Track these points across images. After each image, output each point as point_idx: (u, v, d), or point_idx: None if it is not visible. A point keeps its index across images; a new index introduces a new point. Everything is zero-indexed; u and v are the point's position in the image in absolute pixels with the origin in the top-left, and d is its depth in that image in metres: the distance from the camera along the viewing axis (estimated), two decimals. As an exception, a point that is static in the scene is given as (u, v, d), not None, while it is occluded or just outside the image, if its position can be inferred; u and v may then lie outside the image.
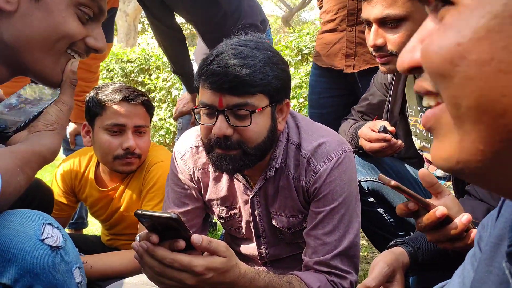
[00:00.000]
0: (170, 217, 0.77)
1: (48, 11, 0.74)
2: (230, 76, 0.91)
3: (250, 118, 0.95)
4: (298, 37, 3.80)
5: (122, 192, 1.46)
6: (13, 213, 0.67)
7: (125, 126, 1.34)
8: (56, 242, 0.66)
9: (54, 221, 0.69)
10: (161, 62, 5.07)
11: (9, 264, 0.61)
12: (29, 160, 0.71)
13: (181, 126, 2.25)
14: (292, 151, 1.09)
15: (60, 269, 0.65)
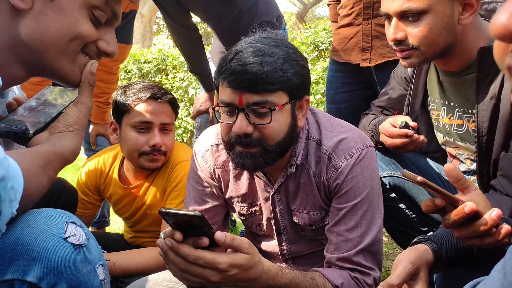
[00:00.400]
0: (194, 215, 0.78)
1: (61, 11, 0.75)
2: (250, 74, 0.91)
3: (270, 115, 0.95)
4: (315, 33, 3.77)
5: (146, 190, 1.48)
6: (37, 212, 0.68)
7: (151, 123, 1.37)
8: (79, 240, 0.67)
9: (77, 220, 0.70)
10: (177, 62, 5.11)
11: (34, 262, 0.62)
12: (50, 160, 0.73)
13: (199, 125, 2.27)
14: (312, 147, 1.08)
15: (83, 267, 0.66)
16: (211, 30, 2.86)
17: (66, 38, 0.76)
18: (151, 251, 1.40)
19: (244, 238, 0.87)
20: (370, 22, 1.81)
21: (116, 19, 0.84)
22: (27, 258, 0.62)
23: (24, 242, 0.63)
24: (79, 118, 0.82)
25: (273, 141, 0.98)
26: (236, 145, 0.99)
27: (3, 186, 0.56)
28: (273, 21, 1.85)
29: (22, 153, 0.70)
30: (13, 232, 0.64)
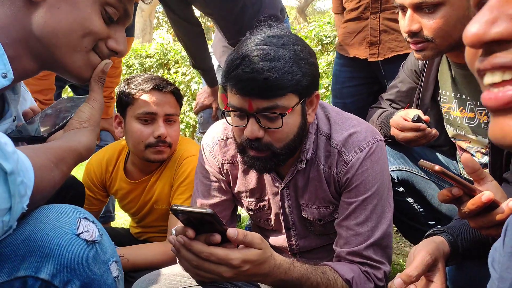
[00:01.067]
0: (206, 213, 0.78)
1: (74, 6, 0.74)
2: (259, 81, 0.90)
3: (282, 120, 0.94)
4: (319, 27, 3.74)
5: (153, 184, 1.48)
6: (49, 208, 0.67)
7: (156, 114, 1.36)
8: (92, 237, 0.66)
9: (89, 215, 0.69)
10: (179, 57, 5.09)
11: (47, 259, 0.61)
12: (64, 156, 0.72)
13: (202, 120, 2.26)
14: (322, 142, 1.07)
15: (96, 263, 0.65)
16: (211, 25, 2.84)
17: (78, 33, 0.75)
18: (159, 246, 1.40)
19: (256, 233, 0.87)
20: (378, 16, 1.79)
21: (127, 18, 0.83)
22: (40, 255, 0.61)
23: (37, 238, 0.62)
24: (92, 114, 0.82)
25: (281, 144, 0.98)
26: (248, 149, 0.99)
27: (12, 180, 0.55)
28: (277, 15, 1.84)
29: (34, 148, 0.69)
30: (25, 228, 0.63)
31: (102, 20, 0.78)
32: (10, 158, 0.55)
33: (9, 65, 0.71)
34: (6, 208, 0.56)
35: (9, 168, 0.55)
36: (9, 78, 0.71)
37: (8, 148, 0.56)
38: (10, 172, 0.55)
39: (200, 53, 2.03)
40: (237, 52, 0.95)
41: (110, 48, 0.81)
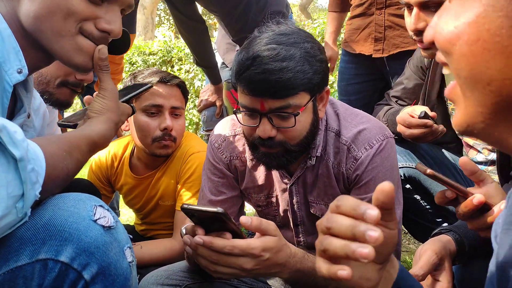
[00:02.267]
0: (217, 212, 0.78)
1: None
2: (271, 83, 0.89)
3: (294, 119, 0.94)
4: (323, 24, 3.74)
5: (158, 180, 1.48)
6: (66, 196, 0.69)
7: (162, 107, 1.36)
8: (108, 223, 0.68)
9: (104, 204, 0.71)
10: (183, 54, 5.09)
11: (66, 243, 0.63)
12: (78, 144, 0.73)
13: (205, 118, 2.26)
14: (331, 138, 1.07)
15: (112, 248, 0.67)
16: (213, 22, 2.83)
17: (58, 15, 0.73)
18: (165, 242, 1.40)
19: (269, 221, 0.87)
20: (383, 12, 1.78)
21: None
22: (59, 239, 0.63)
23: (56, 223, 0.64)
24: (104, 102, 0.82)
25: (294, 141, 0.98)
26: (260, 146, 0.99)
27: (22, 167, 0.57)
28: (283, 11, 1.84)
29: (47, 138, 0.71)
30: (44, 213, 0.65)
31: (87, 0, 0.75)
32: (19, 146, 0.56)
33: (24, 61, 0.72)
34: (19, 195, 0.57)
35: (18, 155, 0.56)
36: (24, 74, 0.72)
37: (18, 136, 0.57)
38: (19, 158, 0.56)
39: (204, 50, 2.03)
40: (247, 52, 0.94)
41: (101, 28, 0.78)
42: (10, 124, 0.57)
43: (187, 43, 2.07)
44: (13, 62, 0.71)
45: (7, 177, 0.55)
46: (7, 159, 0.56)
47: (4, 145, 0.55)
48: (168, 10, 13.61)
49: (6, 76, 0.70)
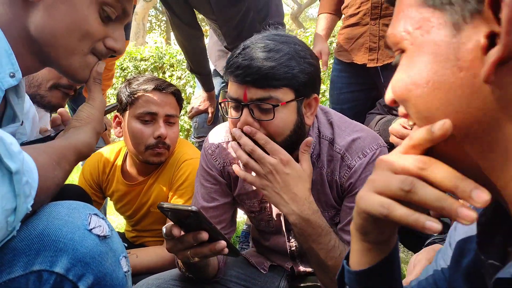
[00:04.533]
0: (190, 210, 0.80)
1: (72, 6, 0.74)
2: (254, 68, 0.91)
3: (273, 111, 0.94)
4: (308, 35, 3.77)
5: (150, 187, 1.46)
6: (59, 204, 0.67)
7: (156, 114, 1.36)
8: (103, 232, 0.67)
9: (98, 212, 0.70)
10: (175, 60, 5.09)
11: (61, 253, 0.62)
12: (64, 154, 0.72)
13: (197, 125, 2.24)
14: (325, 146, 1.07)
15: (108, 258, 0.66)
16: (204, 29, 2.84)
17: (76, 35, 0.75)
18: (156, 250, 1.38)
19: None
20: (378, 22, 1.81)
21: (126, 16, 0.82)
22: (54, 249, 0.62)
23: (50, 233, 0.62)
24: (90, 112, 0.82)
25: (279, 138, 0.97)
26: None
27: (17, 180, 0.55)
28: (283, 23, 1.86)
29: (35, 148, 0.69)
30: (38, 223, 0.63)
31: (100, 20, 0.77)
32: (15, 158, 0.55)
33: (17, 65, 0.71)
34: (11, 209, 0.55)
35: (15, 168, 0.54)
36: (17, 78, 0.71)
37: (14, 148, 0.55)
38: (15, 171, 0.55)
39: (199, 57, 2.03)
40: (240, 46, 0.98)
41: (108, 47, 0.80)
42: (5, 135, 0.55)
43: (183, 49, 2.07)
44: (5, 66, 0.69)
45: (1, 190, 0.54)
46: (1, 172, 0.54)
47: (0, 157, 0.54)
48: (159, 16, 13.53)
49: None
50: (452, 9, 0.41)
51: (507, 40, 0.37)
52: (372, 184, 0.49)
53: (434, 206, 0.42)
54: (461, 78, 0.41)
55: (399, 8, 0.47)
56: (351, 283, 0.58)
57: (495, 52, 0.38)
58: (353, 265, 0.57)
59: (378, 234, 0.52)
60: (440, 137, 0.43)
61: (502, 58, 0.38)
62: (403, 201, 0.45)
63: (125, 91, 1.37)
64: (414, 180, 0.44)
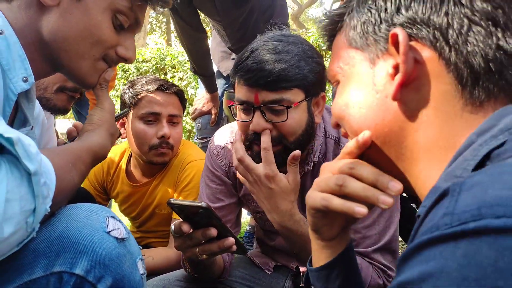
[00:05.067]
0: (200, 206, 0.80)
1: (86, 12, 0.74)
2: (265, 72, 0.91)
3: (287, 113, 0.94)
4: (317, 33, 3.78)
5: (155, 188, 1.46)
6: (77, 207, 0.68)
7: (160, 114, 1.36)
8: (121, 234, 0.67)
9: (115, 215, 0.71)
10: (176, 62, 5.09)
11: (81, 255, 0.63)
12: (80, 156, 0.73)
13: (199, 126, 2.24)
14: (331, 145, 1.08)
15: (126, 260, 0.66)
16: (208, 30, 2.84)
17: (88, 40, 0.75)
18: (161, 251, 1.39)
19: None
20: None
21: (138, 26, 0.83)
22: (74, 251, 0.62)
23: (70, 235, 0.63)
24: (101, 115, 0.83)
25: (292, 138, 0.98)
26: (254, 144, 0.99)
27: (36, 181, 0.56)
28: (287, 22, 1.87)
29: (52, 150, 0.70)
30: (57, 225, 0.64)
31: (113, 27, 0.78)
32: (34, 159, 0.55)
33: (30, 70, 0.71)
34: (31, 209, 0.56)
35: (33, 169, 0.55)
36: (29, 82, 0.71)
37: (32, 149, 0.56)
38: (34, 172, 0.55)
39: (203, 59, 2.04)
40: (247, 48, 0.97)
41: (120, 55, 0.81)
42: (24, 137, 0.56)
43: (187, 51, 2.08)
44: (18, 70, 0.70)
45: (20, 191, 0.54)
46: (20, 173, 0.55)
47: (18, 159, 0.54)
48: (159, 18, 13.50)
49: (11, 84, 0.69)
50: (369, 49, 0.53)
51: (405, 68, 0.49)
52: (317, 184, 0.62)
53: (362, 196, 0.55)
54: (377, 99, 0.53)
55: (333, 50, 0.60)
56: (314, 281, 0.68)
57: (398, 77, 0.49)
58: (314, 264, 0.68)
59: (328, 230, 0.64)
60: (363, 144, 0.54)
61: (403, 81, 0.49)
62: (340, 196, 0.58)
63: (128, 92, 1.38)
64: (345, 177, 0.57)
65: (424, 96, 0.49)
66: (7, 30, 0.69)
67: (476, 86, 0.47)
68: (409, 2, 0.50)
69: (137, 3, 0.78)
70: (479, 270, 0.30)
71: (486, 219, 0.31)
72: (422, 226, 0.39)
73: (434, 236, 0.34)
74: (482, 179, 0.35)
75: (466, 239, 0.32)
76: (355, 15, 0.55)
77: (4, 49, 0.68)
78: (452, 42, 0.47)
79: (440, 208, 0.36)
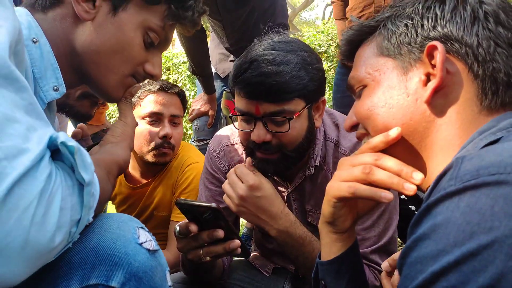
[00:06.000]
0: (210, 206, 0.80)
1: (120, 28, 0.75)
2: (266, 85, 0.91)
3: (289, 124, 0.95)
4: (312, 36, 3.80)
5: (153, 190, 1.46)
6: (108, 216, 0.67)
7: (162, 115, 1.36)
8: (152, 246, 0.66)
9: (143, 225, 0.70)
10: (171, 64, 5.08)
11: (116, 268, 0.62)
12: (111, 168, 0.73)
13: (197, 127, 2.24)
14: (330, 148, 1.08)
15: (157, 272, 0.66)
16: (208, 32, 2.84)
17: (119, 55, 0.76)
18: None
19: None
20: None
21: (167, 44, 0.84)
22: (109, 263, 0.61)
23: (105, 246, 0.62)
24: (125, 129, 0.83)
25: (292, 146, 0.98)
26: (256, 151, 0.99)
27: (87, 191, 0.55)
28: (287, 24, 1.87)
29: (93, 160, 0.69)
30: (92, 236, 0.63)
31: (143, 44, 0.79)
32: (89, 169, 0.55)
33: (61, 79, 0.72)
34: (77, 219, 0.55)
35: (88, 179, 0.55)
36: (60, 92, 0.72)
37: (88, 159, 0.56)
38: (88, 182, 0.55)
39: (202, 59, 2.03)
40: (245, 57, 0.96)
41: (147, 72, 0.82)
42: (80, 146, 0.55)
43: (186, 51, 2.07)
44: (49, 79, 0.70)
45: (72, 200, 0.54)
46: (72, 181, 0.54)
47: (74, 168, 0.54)
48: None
49: (41, 92, 0.69)
50: (402, 58, 0.61)
51: (441, 75, 0.56)
52: (338, 176, 0.66)
53: (388, 182, 0.59)
54: (407, 101, 0.60)
55: (359, 59, 0.67)
56: (324, 275, 0.72)
57: (432, 83, 0.57)
58: (324, 258, 0.72)
59: (343, 222, 0.69)
60: (394, 139, 0.60)
61: (437, 87, 0.57)
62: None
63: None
64: (371, 166, 0.62)
65: (450, 101, 0.57)
66: (41, 38, 0.70)
67: (495, 96, 0.56)
68: (445, 23, 0.58)
69: (169, 22, 0.79)
70: (479, 215, 0.39)
71: (483, 176, 0.40)
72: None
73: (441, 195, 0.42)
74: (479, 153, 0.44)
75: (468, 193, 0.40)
76: (390, 27, 0.62)
77: (37, 58, 0.68)
78: (480, 59, 0.56)
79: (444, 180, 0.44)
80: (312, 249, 0.97)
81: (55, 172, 0.52)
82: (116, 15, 0.75)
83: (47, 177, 0.50)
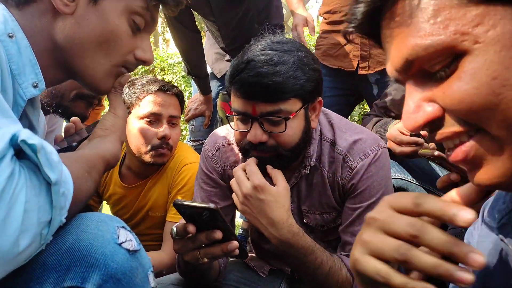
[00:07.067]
0: (208, 207, 0.79)
1: (103, 17, 0.73)
2: (263, 85, 0.90)
3: (285, 124, 0.94)
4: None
5: (148, 190, 1.45)
6: (86, 216, 0.65)
7: (160, 115, 1.36)
8: (133, 246, 0.64)
9: (125, 225, 0.68)
10: (166, 64, 5.05)
11: (92, 269, 0.59)
12: (95, 164, 0.71)
13: (193, 128, 2.23)
14: (326, 148, 1.08)
15: (138, 273, 0.63)
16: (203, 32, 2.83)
17: (105, 46, 0.74)
18: (154, 255, 1.36)
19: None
20: None
21: (154, 25, 0.81)
22: (85, 265, 0.59)
23: (81, 247, 0.60)
24: (115, 121, 0.81)
25: (287, 147, 0.98)
26: (252, 150, 0.99)
27: (55, 191, 0.53)
28: (282, 24, 1.87)
29: (68, 157, 0.66)
30: (67, 237, 0.60)
31: (130, 31, 0.76)
32: (55, 168, 0.53)
33: (41, 75, 0.69)
34: (47, 221, 0.53)
35: (54, 179, 0.53)
36: (40, 88, 0.69)
37: (54, 157, 0.54)
38: (54, 182, 0.53)
39: (197, 60, 2.02)
40: (242, 57, 0.96)
41: (139, 58, 0.79)
42: (46, 144, 0.53)
43: (181, 52, 2.06)
44: (28, 75, 0.67)
45: (39, 201, 0.52)
46: (39, 181, 0.52)
47: (39, 167, 0.52)
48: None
49: (20, 89, 0.66)
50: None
51: None
52: (367, 246, 0.48)
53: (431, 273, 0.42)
54: None
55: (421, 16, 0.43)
56: None
57: None
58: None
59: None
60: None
61: None
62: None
63: (128, 91, 1.36)
64: (408, 249, 0.44)
65: None
66: (18, 33, 0.67)
67: None
68: None
69: (153, 3, 0.77)
70: None
71: None
72: None
73: None
74: None
75: None
76: None
77: (14, 53, 0.65)
78: None
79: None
80: (314, 258, 0.95)
81: (18, 172, 0.50)
82: (97, 4, 0.72)
83: (8, 177, 0.48)
